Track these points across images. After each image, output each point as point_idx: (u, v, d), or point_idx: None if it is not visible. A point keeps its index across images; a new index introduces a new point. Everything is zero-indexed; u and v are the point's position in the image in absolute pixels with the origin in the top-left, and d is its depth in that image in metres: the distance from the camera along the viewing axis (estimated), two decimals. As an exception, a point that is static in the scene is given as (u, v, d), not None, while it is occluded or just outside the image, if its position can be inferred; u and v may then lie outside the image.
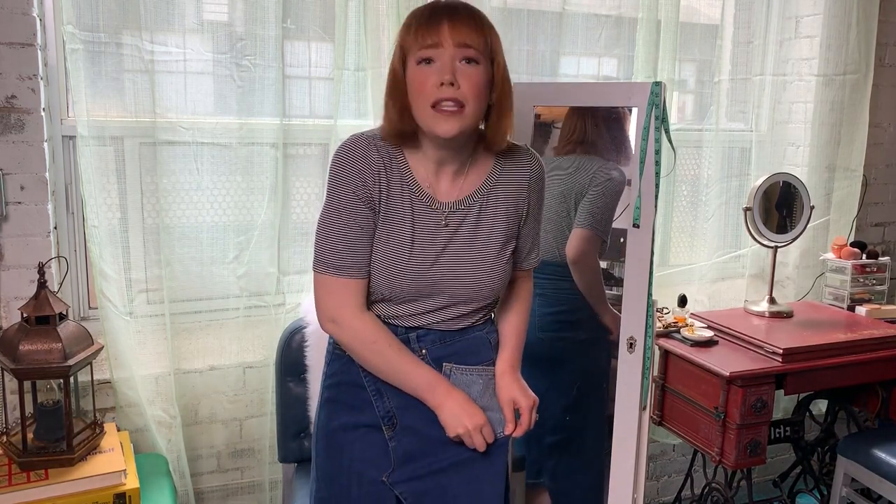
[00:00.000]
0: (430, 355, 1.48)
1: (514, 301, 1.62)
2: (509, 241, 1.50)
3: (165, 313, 2.05)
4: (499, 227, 1.47)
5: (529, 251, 1.58)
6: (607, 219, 2.02)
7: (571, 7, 2.43)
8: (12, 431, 1.79)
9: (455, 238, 1.45)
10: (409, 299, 1.46)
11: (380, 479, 1.49)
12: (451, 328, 1.50)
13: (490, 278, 1.46)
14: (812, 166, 2.79)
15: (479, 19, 1.35)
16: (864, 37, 2.73)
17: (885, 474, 2.28)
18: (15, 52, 1.82)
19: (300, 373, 2.06)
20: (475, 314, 1.52)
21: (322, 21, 2.14)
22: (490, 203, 1.47)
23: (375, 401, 1.49)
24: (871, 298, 2.66)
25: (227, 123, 2.08)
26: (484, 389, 1.52)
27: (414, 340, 1.48)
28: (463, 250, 1.45)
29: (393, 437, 1.49)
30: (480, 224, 1.46)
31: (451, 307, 1.48)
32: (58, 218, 2.01)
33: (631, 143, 1.87)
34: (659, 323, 2.35)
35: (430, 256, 1.43)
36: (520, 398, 1.52)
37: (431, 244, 1.43)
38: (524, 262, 1.59)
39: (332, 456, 1.53)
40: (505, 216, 1.48)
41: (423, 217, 1.44)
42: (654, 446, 2.78)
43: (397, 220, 1.43)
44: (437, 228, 1.44)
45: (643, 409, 1.84)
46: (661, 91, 1.75)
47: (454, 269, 1.44)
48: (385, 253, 1.43)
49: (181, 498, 2.10)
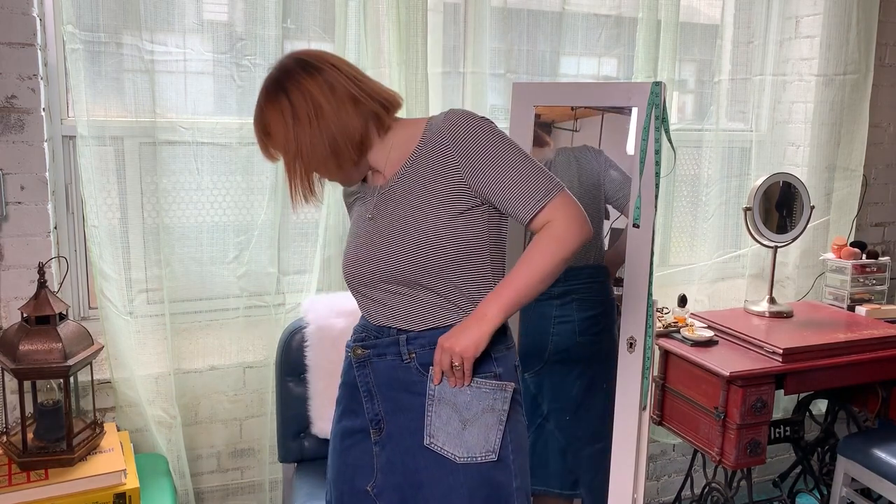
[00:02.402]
0: (418, 360, 1.43)
1: (526, 249, 1.43)
2: (437, 215, 1.38)
3: (165, 313, 2.05)
4: (421, 201, 1.39)
5: (515, 201, 1.37)
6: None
7: (571, 7, 2.43)
8: (12, 431, 1.79)
9: (379, 218, 1.44)
10: (359, 289, 1.48)
11: (365, 489, 1.48)
12: (426, 326, 1.42)
13: (414, 254, 1.38)
14: (812, 166, 2.79)
15: (262, 129, 1.43)
16: (864, 37, 2.73)
17: (885, 474, 2.28)
18: (15, 52, 1.82)
19: (300, 373, 2.06)
20: (446, 307, 1.42)
21: (322, 21, 2.14)
22: (410, 176, 1.41)
23: (366, 402, 1.48)
24: (871, 298, 2.66)
25: (227, 123, 2.08)
26: (471, 402, 1.41)
27: (403, 343, 1.44)
28: (383, 229, 1.42)
29: (378, 442, 1.48)
30: (401, 199, 1.42)
31: (402, 293, 1.42)
32: (58, 218, 2.01)
33: (628, 141, 1.87)
34: (659, 323, 2.35)
35: (355, 240, 1.47)
36: (440, 340, 1.39)
37: (360, 228, 1.48)
38: (520, 215, 1.38)
39: (335, 459, 1.55)
40: (427, 187, 1.39)
41: (363, 199, 1.50)
42: (654, 446, 2.78)
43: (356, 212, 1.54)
44: (370, 209, 1.47)
45: (643, 409, 1.84)
46: (661, 91, 1.76)
47: (369, 250, 1.43)
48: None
49: (181, 498, 2.10)
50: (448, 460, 1.41)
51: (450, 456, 1.41)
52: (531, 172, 1.37)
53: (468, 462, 1.40)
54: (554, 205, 1.36)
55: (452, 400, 1.41)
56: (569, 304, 2.08)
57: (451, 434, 1.41)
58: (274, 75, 1.40)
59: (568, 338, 1.56)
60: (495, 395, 1.42)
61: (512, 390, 1.44)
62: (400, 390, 1.46)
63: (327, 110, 1.36)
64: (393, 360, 1.45)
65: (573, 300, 1.66)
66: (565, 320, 2.09)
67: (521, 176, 1.36)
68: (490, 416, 1.41)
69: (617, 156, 2.05)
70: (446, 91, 2.33)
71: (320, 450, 1.96)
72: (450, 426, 1.41)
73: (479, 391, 1.41)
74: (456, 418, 1.41)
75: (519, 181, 1.36)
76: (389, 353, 1.45)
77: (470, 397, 1.41)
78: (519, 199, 1.37)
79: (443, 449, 1.41)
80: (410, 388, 1.44)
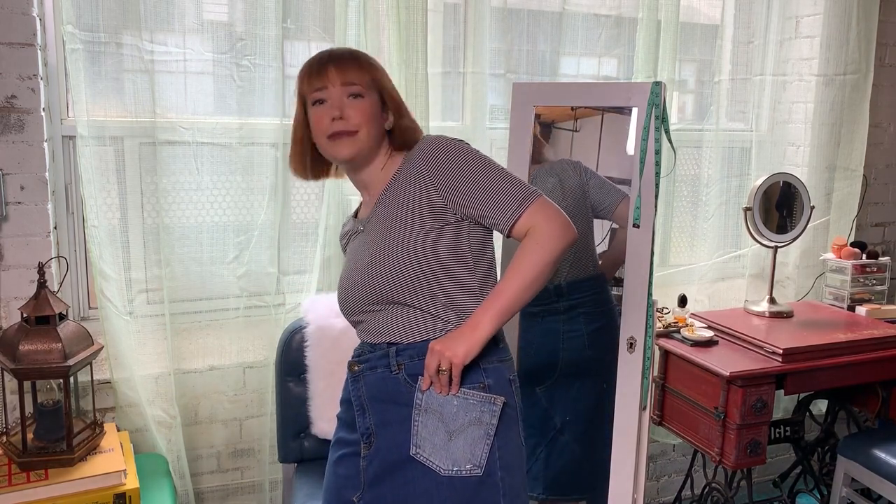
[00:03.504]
0: (407, 371, 1.44)
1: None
2: (415, 231, 1.40)
3: (165, 313, 2.05)
4: (399, 220, 1.42)
5: (493, 212, 1.39)
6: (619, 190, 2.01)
7: (571, 7, 2.43)
8: (12, 431, 1.79)
9: (363, 245, 1.48)
10: (351, 316, 1.52)
11: (351, 499, 1.49)
12: (414, 339, 1.43)
13: (395, 271, 1.39)
14: (812, 166, 2.79)
15: (360, 60, 1.48)
16: (864, 37, 2.73)
17: (885, 474, 2.28)
18: (15, 52, 1.82)
19: (300, 373, 2.06)
20: (432, 321, 1.43)
21: (322, 21, 2.14)
22: (390, 201, 1.45)
23: (358, 417, 1.49)
24: (871, 298, 2.66)
25: (227, 123, 2.08)
26: (457, 413, 1.40)
27: (393, 355, 1.45)
28: (366, 253, 1.46)
29: (367, 456, 1.48)
30: (382, 223, 1.45)
31: (389, 311, 1.44)
32: (58, 218, 2.01)
33: (628, 141, 1.87)
34: (659, 323, 2.35)
35: (346, 273, 1.52)
36: (432, 344, 1.39)
37: (352, 256, 1.52)
38: (500, 225, 1.40)
39: (329, 468, 1.58)
40: (405, 207, 1.42)
41: (354, 236, 1.54)
42: (654, 446, 2.78)
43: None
44: (357, 241, 1.52)
45: (643, 409, 1.84)
46: (661, 91, 1.75)
47: (354, 272, 1.48)
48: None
49: (181, 498, 2.10)
50: (434, 473, 1.40)
51: (434, 468, 1.40)
52: (506, 183, 1.40)
53: (453, 475, 1.39)
54: (532, 210, 1.38)
55: (439, 410, 1.41)
56: (576, 318, 2.08)
57: (437, 445, 1.40)
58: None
59: (578, 352, 1.56)
60: (482, 408, 1.41)
61: (501, 404, 1.42)
62: (388, 402, 1.46)
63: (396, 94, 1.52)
64: (383, 371, 1.46)
65: (580, 314, 1.67)
66: (574, 335, 2.10)
67: (496, 188, 1.39)
68: (477, 429, 1.40)
69: (617, 156, 2.05)
70: (446, 91, 2.33)
71: (320, 450, 1.96)
72: (436, 437, 1.40)
73: (466, 402, 1.41)
74: (442, 429, 1.40)
75: (494, 193, 1.39)
76: (380, 365, 1.47)
77: (457, 408, 1.40)
78: (496, 210, 1.39)
79: (428, 460, 1.41)
80: (398, 399, 1.45)
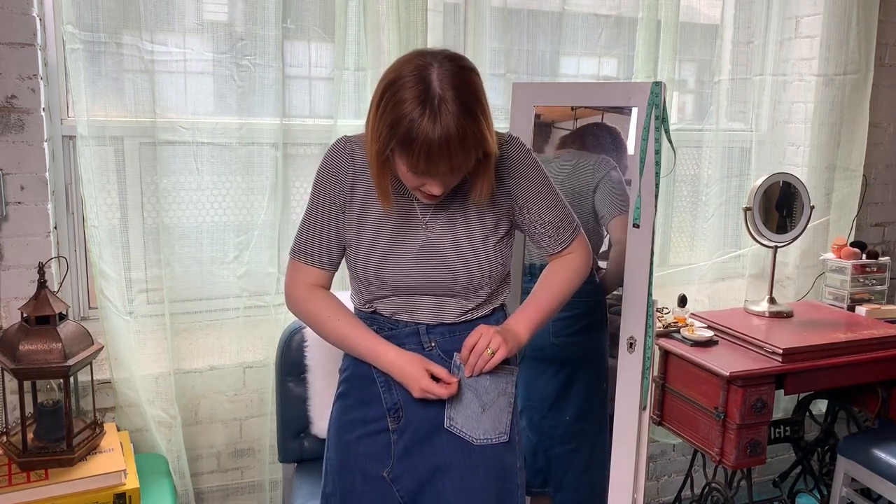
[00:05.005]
0: (440, 347, 1.50)
1: (545, 273, 1.59)
2: (495, 229, 1.49)
3: (165, 313, 2.05)
4: (481, 218, 1.48)
5: (553, 233, 1.55)
6: (626, 201, 2.01)
7: (571, 7, 2.43)
8: (12, 431, 1.79)
9: (435, 232, 1.47)
10: (397, 293, 1.49)
11: (381, 475, 1.51)
12: (458, 321, 1.51)
13: (474, 269, 1.47)
14: (812, 166, 2.79)
15: (468, 143, 1.29)
16: (864, 37, 2.73)
17: (885, 474, 2.29)
18: (15, 52, 1.82)
19: (300, 373, 2.06)
20: (480, 308, 1.52)
21: (322, 21, 2.14)
22: (470, 195, 1.46)
23: (384, 392, 1.52)
24: (871, 298, 2.66)
25: (227, 123, 2.08)
26: (490, 386, 1.50)
27: (423, 332, 1.50)
28: (442, 244, 1.47)
29: (396, 430, 1.51)
30: (461, 217, 1.48)
31: (446, 299, 1.49)
32: (58, 218, 2.01)
33: (628, 140, 1.87)
34: (659, 323, 2.35)
35: (409, 250, 1.47)
36: (488, 330, 1.45)
37: (412, 239, 1.47)
38: (550, 246, 1.56)
39: (341, 451, 1.56)
40: (487, 206, 1.48)
41: (402, 213, 1.48)
42: (654, 446, 2.78)
43: (374, 217, 1.48)
44: (418, 224, 1.48)
45: (643, 409, 1.84)
46: (661, 91, 1.75)
47: (435, 262, 1.46)
48: (365, 246, 1.48)
49: (181, 498, 2.10)
50: (466, 442, 1.50)
51: (468, 438, 1.50)
52: (565, 210, 1.57)
53: (484, 443, 1.51)
54: (577, 242, 1.59)
55: (474, 384, 1.49)
56: None
57: (471, 417, 1.50)
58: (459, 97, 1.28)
59: (541, 337, 1.60)
60: (507, 379, 1.54)
61: (517, 374, 1.57)
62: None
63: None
64: (414, 348, 1.50)
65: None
66: None
67: (559, 214, 1.55)
68: (503, 399, 1.53)
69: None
70: (446, 91, 2.33)
71: (320, 450, 1.94)
72: (470, 409, 1.50)
73: (496, 376, 1.51)
74: (476, 402, 1.50)
75: (556, 219, 1.55)
76: (409, 342, 1.50)
77: (489, 381, 1.51)
78: (554, 234, 1.56)
79: (461, 431, 1.50)
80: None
